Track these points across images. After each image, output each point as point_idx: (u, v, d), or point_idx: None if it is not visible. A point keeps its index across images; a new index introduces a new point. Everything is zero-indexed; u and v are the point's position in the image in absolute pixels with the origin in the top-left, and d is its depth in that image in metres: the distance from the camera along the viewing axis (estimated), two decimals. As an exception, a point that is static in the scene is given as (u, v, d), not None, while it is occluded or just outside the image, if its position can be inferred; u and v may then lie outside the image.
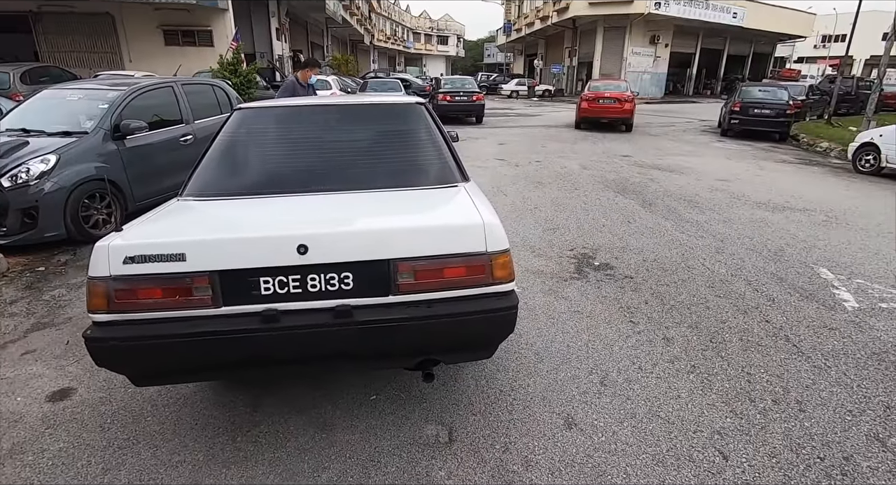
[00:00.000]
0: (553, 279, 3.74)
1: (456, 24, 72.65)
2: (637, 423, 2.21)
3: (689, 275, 3.82)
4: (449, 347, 1.89)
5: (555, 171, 7.99)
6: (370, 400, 2.39)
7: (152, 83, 5.49)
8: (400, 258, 1.74)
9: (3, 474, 1.97)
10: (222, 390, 2.48)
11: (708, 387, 2.46)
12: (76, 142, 4.51)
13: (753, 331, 2.99)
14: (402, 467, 1.98)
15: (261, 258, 1.69)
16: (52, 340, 2.99)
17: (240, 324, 1.69)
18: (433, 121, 2.64)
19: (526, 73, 42.50)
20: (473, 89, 15.17)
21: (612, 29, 29.13)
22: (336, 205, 2.08)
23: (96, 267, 1.67)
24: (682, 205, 5.88)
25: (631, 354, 2.74)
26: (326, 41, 33.10)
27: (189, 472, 1.98)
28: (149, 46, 16.58)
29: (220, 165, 2.37)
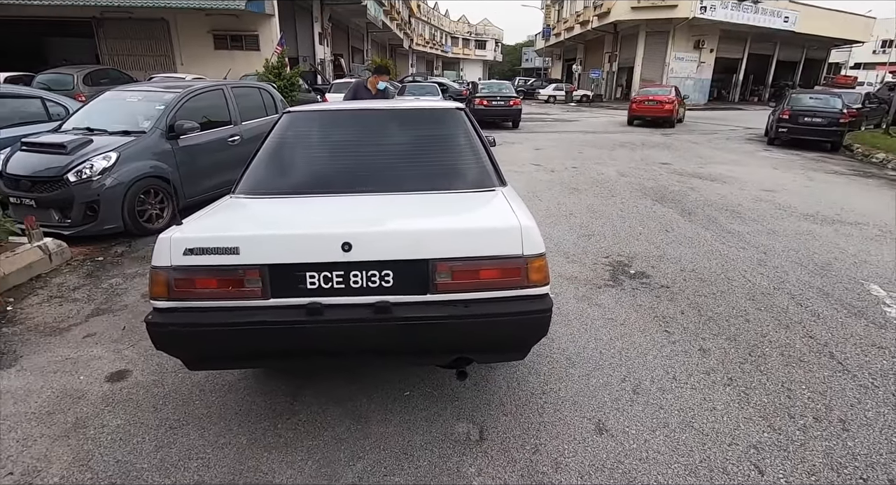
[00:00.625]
0: (587, 286, 3.73)
1: (494, 29, 72.71)
2: (670, 432, 2.19)
3: (728, 286, 3.73)
4: (483, 346, 1.94)
5: (591, 177, 7.91)
6: (404, 396, 2.46)
7: (204, 86, 5.78)
8: (438, 258, 1.80)
9: (69, 444, 2.14)
10: (264, 379, 2.60)
11: (745, 400, 2.41)
12: (134, 141, 4.80)
13: (795, 346, 2.91)
14: (433, 462, 2.04)
15: (307, 254, 1.78)
16: (110, 325, 3.20)
17: (286, 315, 1.79)
18: (472, 126, 2.70)
19: (564, 78, 42.11)
20: (510, 94, 15.17)
21: (655, 33, 28.53)
22: (378, 205, 2.17)
23: (159, 257, 1.81)
24: (724, 215, 5.73)
25: (665, 364, 2.72)
26: (366, 45, 33.77)
27: (234, 454, 2.09)
28: (199, 50, 17.37)
29: (269, 165, 2.50)
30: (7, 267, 3.71)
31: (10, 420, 2.31)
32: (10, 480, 1.96)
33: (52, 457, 2.08)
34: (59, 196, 4.41)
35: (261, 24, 17.13)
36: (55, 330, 3.15)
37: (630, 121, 16.93)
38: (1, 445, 2.15)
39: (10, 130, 5.45)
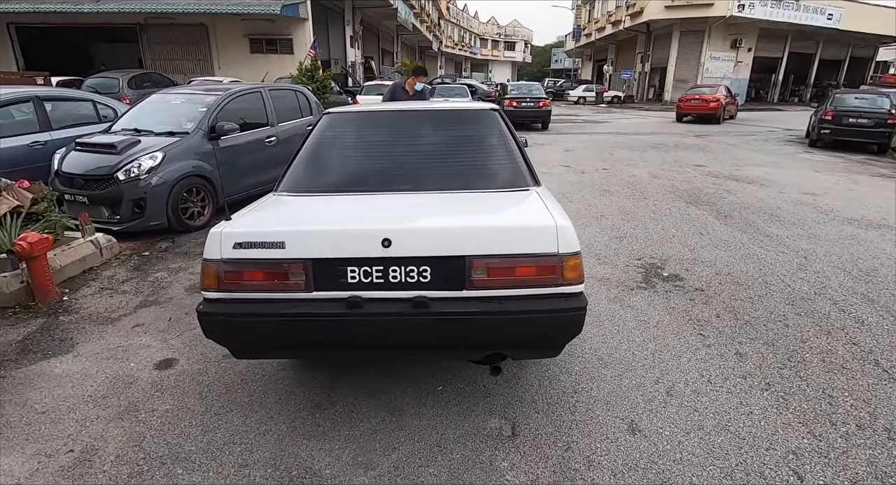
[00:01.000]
0: (619, 288, 3.71)
1: (524, 30, 72.36)
2: (705, 435, 2.18)
3: (766, 291, 3.65)
4: (517, 343, 1.97)
5: (622, 179, 7.82)
6: (437, 391, 2.51)
7: (243, 89, 5.98)
8: (475, 255, 1.84)
9: (122, 426, 2.28)
10: (302, 371, 2.70)
11: (784, 406, 2.37)
12: (178, 141, 5.02)
13: (838, 352, 2.83)
14: (466, 455, 2.08)
15: (349, 249, 1.85)
16: (157, 316, 3.36)
17: (328, 308, 1.87)
18: (507, 127, 2.74)
19: (594, 78, 41.57)
20: (540, 95, 15.10)
21: (690, 33, 27.89)
22: (416, 203, 2.22)
23: (210, 251, 1.91)
24: (762, 218, 5.58)
25: (700, 367, 2.69)
26: (396, 48, 34.14)
27: (275, 440, 2.18)
28: (236, 54, 17.91)
29: (310, 164, 2.59)
30: (63, 260, 3.94)
31: (69, 402, 2.46)
32: (71, 457, 2.10)
33: (107, 437, 2.22)
34: (109, 193, 4.66)
35: (295, 28, 17.54)
36: (107, 320, 3.33)
37: (679, 117, 18.45)
38: (62, 424, 2.30)
39: (65, 131, 5.77)
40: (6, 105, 5.50)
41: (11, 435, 2.24)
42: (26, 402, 2.47)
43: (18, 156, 5.36)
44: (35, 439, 2.21)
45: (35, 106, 5.73)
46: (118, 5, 16.10)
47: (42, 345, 3.01)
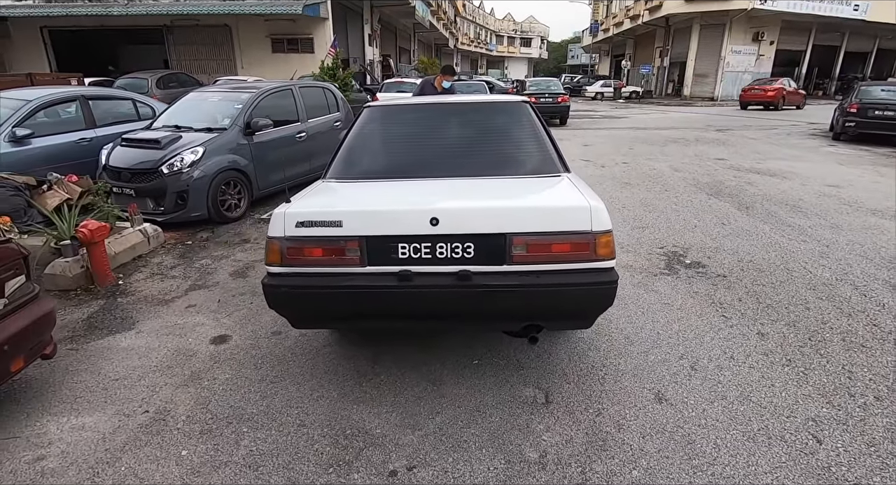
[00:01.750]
0: (642, 274, 3.84)
1: (540, 26, 71.96)
2: (728, 404, 2.32)
3: (788, 277, 3.74)
4: (553, 314, 2.14)
5: (643, 172, 7.89)
6: (473, 364, 2.69)
7: (276, 86, 6.23)
8: (515, 232, 2.01)
9: (189, 392, 2.51)
10: (347, 345, 2.90)
11: (804, 380, 2.49)
12: (217, 137, 5.28)
13: (858, 333, 2.93)
14: (504, 418, 2.26)
15: (400, 227, 2.04)
16: (206, 298, 3.61)
17: (380, 281, 2.06)
18: (538, 118, 2.90)
19: (612, 74, 41.24)
20: (559, 91, 15.16)
21: (710, 26, 27.51)
22: (457, 187, 2.40)
23: (274, 229, 2.12)
24: (784, 209, 5.63)
25: (722, 345, 2.82)
26: (413, 46, 34.34)
27: (327, 405, 2.39)
28: (258, 54, 18.29)
29: (354, 153, 2.79)
30: (117, 247, 4.21)
31: (139, 371, 2.71)
32: (147, 417, 2.33)
33: (177, 400, 2.45)
34: (154, 186, 4.94)
35: (315, 27, 17.84)
36: (161, 301, 3.58)
37: (743, 106, 21.64)
38: (135, 389, 2.54)
39: (108, 128, 6.09)
40: (55, 104, 5.83)
41: (92, 398, 2.49)
42: (101, 370, 2.72)
43: (66, 152, 5.69)
44: (113, 401, 2.46)
45: (80, 105, 6.06)
46: (146, 8, 16.60)
47: (106, 323, 3.27)
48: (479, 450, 2.08)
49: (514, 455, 2.04)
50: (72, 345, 3.01)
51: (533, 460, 2.01)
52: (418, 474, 1.97)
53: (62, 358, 2.84)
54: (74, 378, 2.66)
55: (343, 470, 1.99)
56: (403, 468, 1.99)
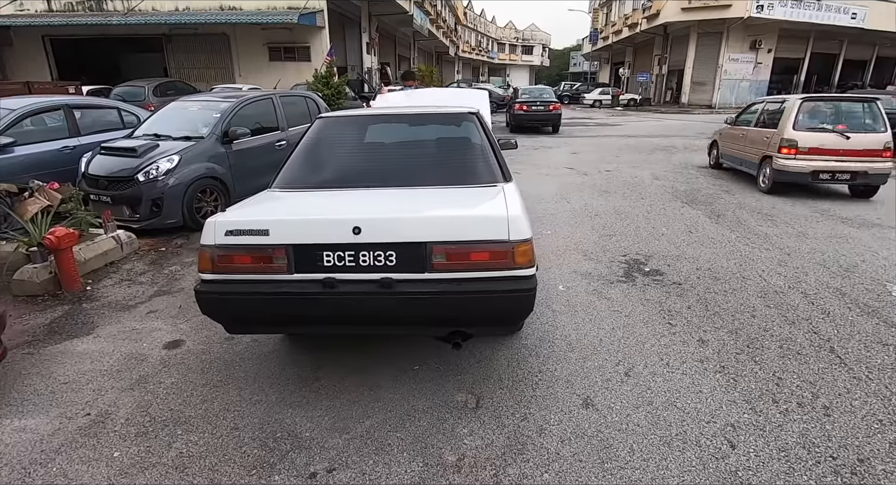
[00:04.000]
0: (599, 281, 3.90)
1: (542, 34, 72.37)
2: (653, 410, 2.37)
3: (741, 285, 3.79)
4: (475, 320, 2.20)
5: (624, 180, 7.95)
6: (413, 369, 2.75)
7: (255, 96, 6.35)
8: (434, 242, 2.08)
9: (133, 396, 2.58)
10: (294, 350, 2.97)
11: (732, 386, 2.54)
12: (194, 145, 5.38)
13: (797, 340, 2.97)
14: (432, 423, 2.31)
15: (324, 236, 2.11)
16: (169, 304, 3.68)
17: (306, 288, 2.13)
18: (483, 128, 2.97)
19: (611, 82, 41.42)
20: (551, 99, 15.26)
21: (707, 35, 27.65)
22: (389, 197, 2.48)
23: (206, 237, 2.20)
24: (755, 217, 5.68)
25: (661, 352, 2.87)
26: (413, 53, 34.62)
27: (264, 409, 2.45)
28: (255, 62, 18.52)
29: (301, 163, 2.88)
30: (87, 254, 4.31)
31: (88, 375, 2.78)
32: (88, 419, 2.40)
33: (119, 404, 2.52)
34: (130, 193, 5.04)
35: (312, 36, 18.05)
36: (124, 307, 3.67)
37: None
38: (81, 393, 2.62)
39: (92, 137, 6.21)
40: (39, 113, 5.97)
41: (38, 401, 2.56)
42: (52, 374, 2.80)
43: (50, 159, 5.81)
44: (58, 404, 2.53)
45: (65, 113, 6.19)
46: (145, 18, 16.86)
47: (66, 328, 3.35)
48: (401, 453, 2.13)
49: (433, 458, 2.10)
50: (29, 349, 3.08)
51: (450, 464, 2.06)
52: (337, 475, 2.02)
53: (16, 362, 2.92)
54: (25, 381, 2.73)
55: (266, 472, 2.05)
56: (323, 471, 2.05)
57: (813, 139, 6.44)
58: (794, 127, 6.52)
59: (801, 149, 6.45)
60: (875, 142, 6.37)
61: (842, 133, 6.39)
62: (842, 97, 7.30)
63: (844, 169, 6.37)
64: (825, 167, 6.39)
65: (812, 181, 6.50)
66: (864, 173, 6.36)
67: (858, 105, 6.72)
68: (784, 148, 6.54)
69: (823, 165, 6.39)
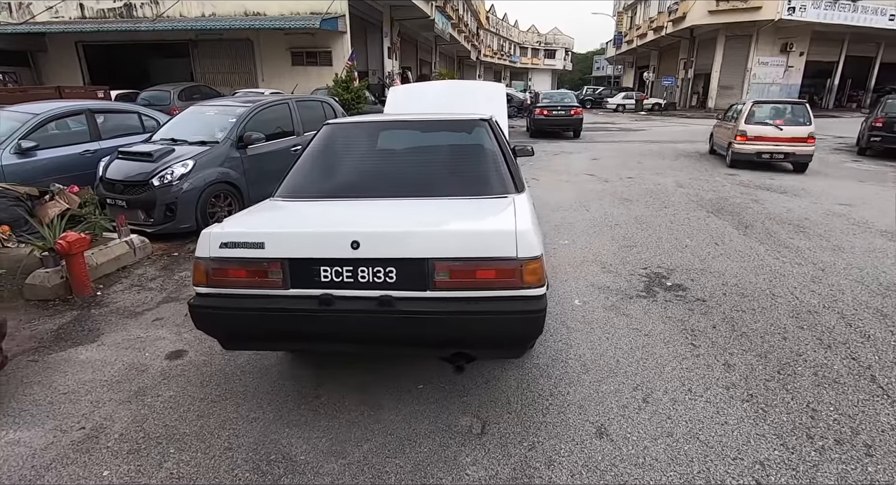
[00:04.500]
0: (617, 296, 3.71)
1: (564, 38, 71.84)
2: (673, 442, 2.18)
3: (771, 303, 3.55)
4: (479, 342, 2.06)
5: (646, 188, 7.70)
6: (417, 389, 2.62)
7: (272, 100, 6.34)
8: (437, 258, 1.95)
9: (130, 409, 2.51)
10: (296, 365, 2.87)
11: (762, 417, 2.33)
12: (209, 150, 5.38)
13: (833, 367, 2.74)
14: (433, 449, 2.18)
15: (321, 250, 2.01)
16: (176, 311, 3.64)
17: (302, 304, 2.02)
18: (495, 136, 2.84)
19: (636, 86, 40.77)
20: (572, 103, 15.01)
21: (736, 38, 26.96)
22: (393, 209, 2.36)
23: (200, 249, 2.11)
24: (786, 229, 5.39)
25: (683, 376, 2.68)
26: (435, 58, 34.68)
27: (260, 427, 2.35)
28: (278, 67, 18.74)
29: (306, 171, 2.78)
30: (100, 258, 4.31)
31: (88, 385, 2.73)
32: (82, 433, 2.34)
33: (115, 417, 2.45)
34: (144, 198, 5.05)
35: (334, 40, 18.18)
36: (132, 313, 3.63)
37: None
38: (79, 404, 2.56)
39: (113, 141, 6.28)
40: (62, 117, 6.07)
41: (35, 412, 2.51)
42: (52, 383, 2.76)
43: (71, 163, 5.90)
44: (54, 416, 2.48)
45: (87, 118, 6.29)
46: (172, 24, 17.24)
47: (73, 334, 3.33)
48: (398, 483, 2.00)
49: (432, 490, 1.96)
50: (34, 356, 3.06)
51: (450, 497, 1.93)
52: (329, 506, 1.90)
53: (21, 369, 2.90)
54: (26, 390, 2.69)
55: (256, 498, 1.95)
56: (316, 499, 1.94)
57: (757, 130, 9.13)
58: (745, 121, 9.28)
59: (749, 137, 9.14)
60: (801, 132, 8.95)
61: (777, 126, 9.04)
62: (781, 101, 10.76)
63: (779, 151, 8.99)
64: (765, 150, 9.04)
65: (756, 159, 9.12)
66: (793, 154, 8.96)
67: (792, 106, 9.61)
68: (738, 136, 9.26)
69: (764, 148, 9.04)
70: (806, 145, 8.87)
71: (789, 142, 8.91)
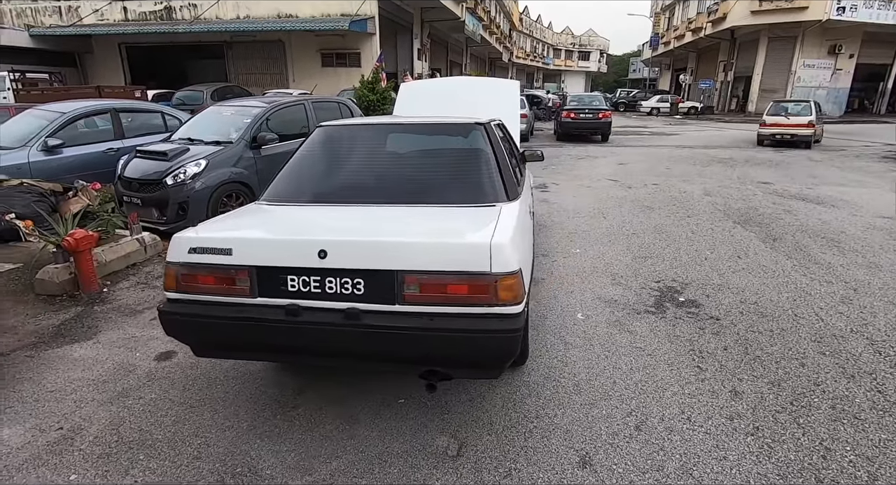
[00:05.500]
0: (624, 310, 3.51)
1: (600, 40, 70.58)
2: (662, 477, 2.00)
3: (792, 324, 3.29)
4: (450, 361, 1.93)
5: (671, 195, 7.38)
6: (398, 403, 2.51)
7: (287, 101, 6.37)
8: (406, 270, 1.84)
9: (110, 410, 2.50)
10: (281, 372, 2.81)
11: (766, 455, 2.12)
12: (222, 150, 5.43)
13: (855, 400, 2.49)
14: (403, 471, 2.07)
15: (288, 258, 1.93)
16: (173, 311, 3.64)
17: (268, 314, 1.95)
18: (490, 141, 2.70)
19: (672, 88, 39.62)
20: (600, 106, 14.65)
21: (779, 39, 25.80)
22: (370, 216, 2.26)
23: (171, 254, 2.07)
24: (818, 243, 5.03)
25: (683, 402, 2.48)
26: (465, 59, 34.58)
27: (232, 437, 2.30)
28: (308, 68, 19.03)
29: (293, 175, 2.72)
30: (109, 255, 4.39)
31: (75, 384, 2.74)
32: (59, 434, 2.34)
33: (94, 419, 2.44)
34: (158, 196, 5.13)
35: (363, 42, 18.32)
36: (132, 312, 3.67)
37: None
38: (63, 403, 2.57)
39: (135, 139, 6.45)
40: (87, 116, 6.26)
41: (20, 409, 2.53)
42: (42, 380, 2.78)
43: (94, 161, 6.08)
44: (37, 414, 2.49)
45: (112, 117, 6.47)
46: (208, 26, 17.74)
47: (72, 331, 3.37)
48: (361, 506, 1.90)
49: (394, 516, 1.85)
50: (31, 351, 3.11)
51: (412, 525, 1.81)
52: (286, 527, 1.82)
53: (16, 365, 2.94)
54: (16, 387, 2.73)
55: (213, 513, 1.88)
56: (273, 519, 1.85)
57: (773, 119, 13.86)
58: (766, 114, 14.34)
59: (767, 124, 13.90)
60: (802, 120, 13.39)
61: (786, 116, 13.69)
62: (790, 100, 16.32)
63: (786, 133, 13.52)
64: (777, 132, 13.65)
65: (771, 137, 13.71)
66: (795, 135, 13.38)
67: (799, 103, 14.44)
68: (761, 124, 14.15)
69: (776, 131, 13.66)
70: (805, 129, 13.22)
71: (794, 128, 13.34)
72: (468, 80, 7.15)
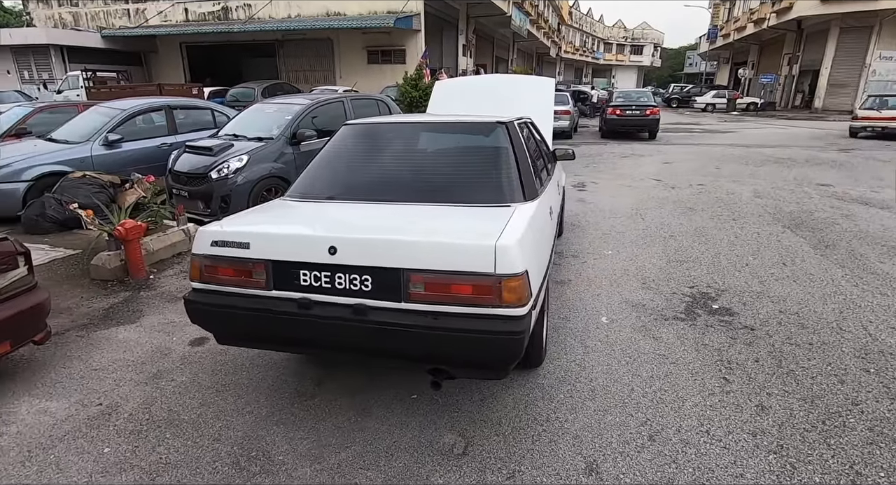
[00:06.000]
0: (651, 316, 3.40)
1: (654, 33, 67.93)
2: (672, 491, 1.94)
3: (836, 338, 3.08)
4: (453, 360, 1.95)
5: (717, 196, 7.04)
6: (411, 398, 2.55)
7: (327, 99, 6.55)
8: (412, 269, 1.87)
9: (144, 390, 2.68)
10: (303, 362, 2.91)
11: (788, 476, 2.01)
12: (264, 145, 5.65)
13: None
14: (408, 465, 2.10)
15: (301, 254, 2.00)
16: (210, 299, 3.85)
17: (282, 306, 2.03)
18: (511, 141, 2.68)
19: (731, 83, 37.65)
20: (648, 103, 14.14)
21: (852, 30, 23.97)
22: (384, 214, 2.30)
23: (196, 246, 2.19)
24: (876, 251, 4.67)
25: (703, 414, 2.38)
26: (512, 55, 34.22)
27: (251, 421, 2.41)
28: (354, 65, 19.43)
29: (317, 172, 2.81)
30: (157, 245, 4.67)
31: (116, 363, 2.95)
32: (98, 409, 2.53)
33: (130, 397, 2.63)
34: (203, 189, 5.41)
35: (408, 39, 18.51)
36: (174, 298, 3.90)
37: None
38: (104, 381, 2.78)
39: (186, 135, 6.82)
40: (144, 113, 6.67)
41: (68, 385, 2.76)
42: (89, 359, 3.02)
43: (150, 155, 6.49)
44: (81, 390, 2.70)
45: (166, 114, 6.87)
46: (261, 25, 18.44)
47: (120, 314, 3.63)
48: (364, 497, 1.95)
49: (395, 509, 1.89)
50: (83, 332, 3.37)
51: (411, 519, 1.84)
52: (291, 511, 1.89)
53: (67, 344, 3.20)
54: (66, 364, 2.97)
55: (226, 493, 1.99)
56: (280, 503, 1.94)
57: (864, 112, 14.73)
58: (859, 108, 15.36)
59: (859, 116, 14.80)
60: (893, 113, 14.09)
61: (878, 109, 14.44)
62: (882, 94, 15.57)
63: (876, 125, 14.37)
64: (867, 124, 14.52)
65: (862, 128, 14.59)
66: (885, 127, 14.12)
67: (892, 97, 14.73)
68: (854, 117, 15.09)
69: (867, 123, 14.55)
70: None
71: (885, 121, 14.16)
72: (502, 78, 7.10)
